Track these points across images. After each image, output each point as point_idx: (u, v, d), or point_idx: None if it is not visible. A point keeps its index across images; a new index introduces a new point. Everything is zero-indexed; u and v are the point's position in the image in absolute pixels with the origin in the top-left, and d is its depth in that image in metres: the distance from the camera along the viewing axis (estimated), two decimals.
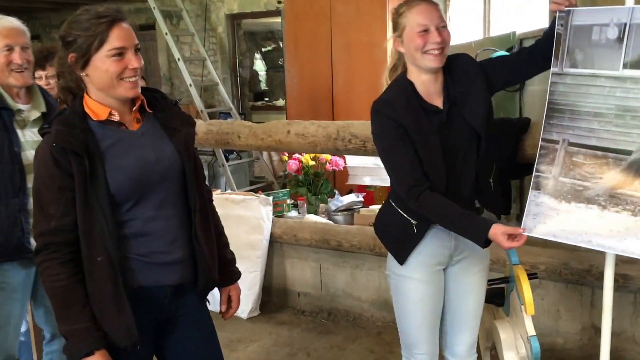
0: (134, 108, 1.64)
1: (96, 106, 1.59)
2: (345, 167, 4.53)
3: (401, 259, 1.98)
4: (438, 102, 1.91)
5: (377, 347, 3.18)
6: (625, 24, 1.77)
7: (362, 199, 4.31)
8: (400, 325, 2.09)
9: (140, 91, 1.63)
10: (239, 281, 1.94)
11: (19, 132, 2.16)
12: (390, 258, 2.05)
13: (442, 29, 1.84)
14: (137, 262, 1.61)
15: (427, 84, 1.90)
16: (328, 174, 4.52)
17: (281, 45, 7.50)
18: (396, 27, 1.91)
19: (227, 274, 1.86)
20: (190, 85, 6.37)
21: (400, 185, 1.88)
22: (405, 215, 1.95)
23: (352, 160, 4.51)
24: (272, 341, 3.32)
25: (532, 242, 3.51)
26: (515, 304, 2.18)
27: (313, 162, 4.39)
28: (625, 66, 1.78)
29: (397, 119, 1.84)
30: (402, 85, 1.91)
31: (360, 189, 4.59)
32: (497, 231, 1.75)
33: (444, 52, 1.86)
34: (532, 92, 3.87)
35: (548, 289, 3.02)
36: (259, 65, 9.13)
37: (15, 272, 2.20)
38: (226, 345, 3.24)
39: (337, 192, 4.46)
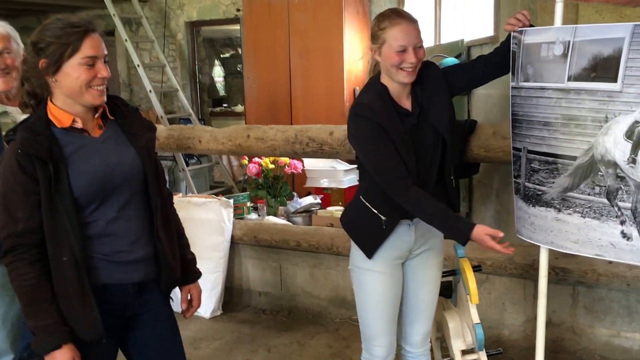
0: (96, 115, 1.72)
1: (60, 113, 1.67)
2: (303, 170, 4.65)
3: (370, 253, 2.08)
4: (408, 105, 2.05)
5: (335, 343, 3.30)
6: (569, 42, 1.93)
7: (320, 201, 4.44)
8: (361, 317, 2.19)
9: (105, 100, 1.71)
10: (202, 281, 2.03)
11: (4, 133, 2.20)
12: (353, 253, 2.16)
13: (418, 48, 1.97)
14: (101, 261, 1.69)
15: (398, 89, 2.04)
16: (287, 177, 4.64)
17: (239, 52, 7.58)
18: (375, 38, 2.01)
19: (188, 274, 1.94)
20: (150, 91, 6.39)
21: (387, 180, 1.97)
22: (375, 211, 2.06)
23: (310, 164, 4.64)
24: (235, 339, 3.41)
25: None
26: (462, 295, 2.34)
27: (272, 166, 4.49)
28: (569, 79, 1.94)
29: (377, 121, 1.96)
30: (377, 89, 2.04)
31: (318, 191, 4.72)
32: (481, 232, 1.89)
33: (416, 69, 2.00)
34: (479, 95, 4.08)
35: (494, 283, 3.20)
36: (217, 72, 9.18)
37: (3, 271, 2.25)
38: (190, 343, 3.32)
39: (295, 194, 4.57)
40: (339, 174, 4.52)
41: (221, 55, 9.18)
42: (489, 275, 3.19)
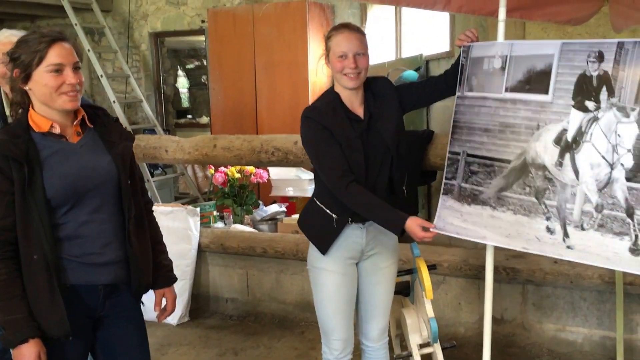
0: (75, 122, 1.81)
1: (39, 119, 1.76)
2: (268, 180, 4.77)
3: (324, 250, 2.23)
4: (360, 112, 2.21)
5: (300, 345, 3.43)
6: (507, 56, 2.16)
7: (285, 209, 4.57)
8: (318, 313, 2.34)
9: (79, 105, 1.79)
10: None
11: None
12: (310, 253, 2.31)
13: (359, 56, 2.13)
14: (70, 262, 1.76)
15: (350, 96, 2.20)
16: (253, 186, 4.75)
17: (204, 63, 7.66)
18: (326, 47, 2.20)
19: (162, 278, 2.01)
20: (114, 102, 6.41)
21: (329, 177, 2.14)
22: (327, 210, 2.22)
23: (275, 173, 4.77)
24: (202, 344, 3.49)
25: (436, 242, 3.90)
26: (418, 292, 2.50)
27: (238, 175, 4.61)
28: (506, 90, 2.17)
29: (324, 123, 2.13)
30: (330, 96, 2.22)
31: (283, 199, 4.85)
32: (414, 223, 2.06)
33: (360, 76, 2.15)
34: (437, 107, 4.30)
35: (451, 284, 3.38)
36: (182, 83, 9.21)
37: None
38: (157, 349, 3.39)
39: (261, 202, 4.69)
40: (304, 183, 4.66)
41: (186, 66, 9.24)
42: (446, 276, 3.37)
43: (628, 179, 1.88)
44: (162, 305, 2.04)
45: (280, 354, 3.34)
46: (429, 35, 5.01)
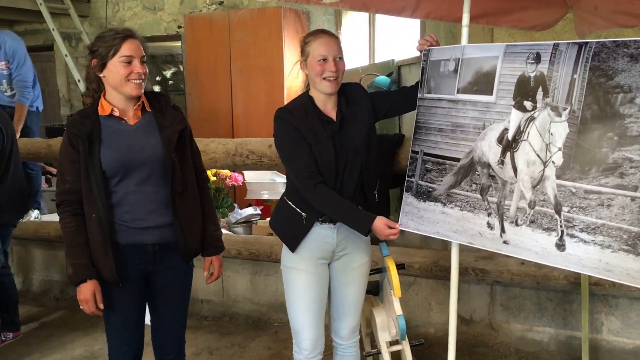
0: (135, 106, 2.15)
1: (104, 104, 2.13)
2: (244, 183, 4.81)
3: (293, 247, 2.28)
4: (332, 114, 2.28)
5: (273, 344, 3.48)
6: (459, 59, 2.27)
7: (260, 212, 4.61)
8: (289, 312, 2.38)
9: (142, 92, 2.12)
10: None
11: None
12: (283, 253, 2.35)
13: (338, 60, 2.22)
14: (121, 226, 2.13)
15: (324, 100, 2.27)
16: (228, 189, 4.77)
17: (181, 69, 7.67)
18: (302, 52, 2.28)
19: (210, 246, 2.34)
20: None
21: (298, 177, 2.20)
22: (296, 208, 2.27)
23: (250, 176, 4.80)
24: None
25: (408, 244, 3.96)
26: (387, 291, 2.56)
27: (214, 178, 4.63)
28: (458, 91, 2.28)
29: (294, 124, 2.20)
30: (303, 99, 2.29)
31: (258, 202, 4.89)
32: (380, 222, 2.14)
33: (338, 80, 2.24)
34: (410, 113, 4.37)
35: (421, 285, 3.45)
36: (158, 89, 9.20)
37: None
38: None
39: (236, 205, 4.72)
40: (278, 186, 4.70)
41: (162, 72, 9.23)
42: (417, 277, 3.44)
43: (558, 177, 1.98)
44: (210, 271, 2.37)
45: (254, 354, 3.38)
46: (401, 41, 5.09)
